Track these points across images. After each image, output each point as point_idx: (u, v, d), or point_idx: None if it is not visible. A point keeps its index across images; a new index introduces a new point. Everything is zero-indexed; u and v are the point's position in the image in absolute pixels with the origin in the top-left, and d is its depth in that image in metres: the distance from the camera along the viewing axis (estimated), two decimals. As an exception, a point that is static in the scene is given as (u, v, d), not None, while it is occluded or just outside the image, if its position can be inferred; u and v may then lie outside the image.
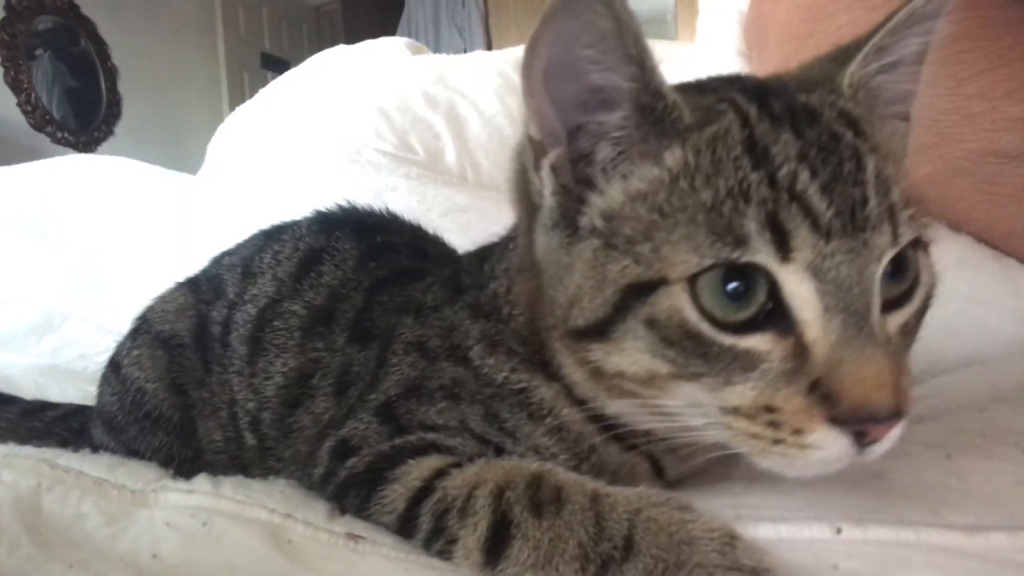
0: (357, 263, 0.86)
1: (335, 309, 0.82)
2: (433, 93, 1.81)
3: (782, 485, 0.54)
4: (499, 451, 0.62)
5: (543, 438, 0.62)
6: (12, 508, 0.60)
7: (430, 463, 0.60)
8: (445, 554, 0.54)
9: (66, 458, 0.67)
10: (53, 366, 1.44)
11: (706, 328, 0.49)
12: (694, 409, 0.52)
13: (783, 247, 0.47)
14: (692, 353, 0.50)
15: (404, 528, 0.58)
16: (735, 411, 0.50)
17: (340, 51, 2.21)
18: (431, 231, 0.98)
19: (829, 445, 0.47)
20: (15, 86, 4.68)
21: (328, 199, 0.99)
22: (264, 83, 2.41)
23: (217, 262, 0.98)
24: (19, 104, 4.69)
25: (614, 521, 0.50)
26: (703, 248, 0.48)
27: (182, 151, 4.76)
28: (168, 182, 2.11)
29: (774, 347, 0.49)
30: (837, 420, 0.46)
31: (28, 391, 1.18)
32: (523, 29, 6.09)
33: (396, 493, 0.59)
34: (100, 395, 0.94)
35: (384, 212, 0.98)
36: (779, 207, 0.48)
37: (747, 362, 0.49)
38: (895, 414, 0.46)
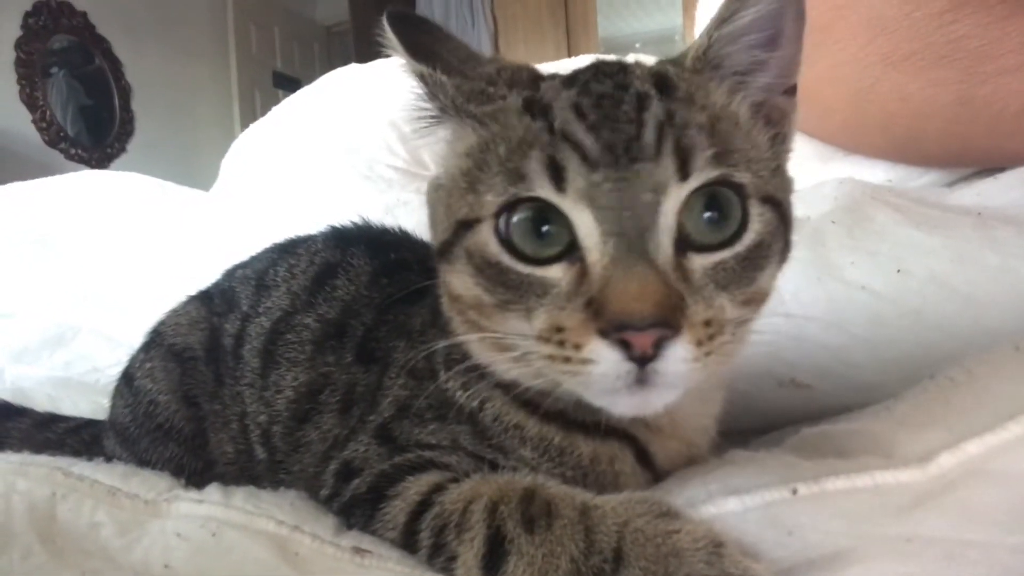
0: (370, 279, 0.86)
1: (347, 324, 0.82)
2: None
3: (748, 462, 0.57)
4: (494, 466, 0.63)
5: (521, 450, 0.64)
6: (26, 516, 0.60)
7: (428, 478, 0.61)
8: (447, 571, 0.55)
9: (80, 467, 0.68)
10: (66, 379, 1.45)
11: (505, 259, 0.56)
12: (520, 340, 0.57)
13: (559, 180, 0.54)
14: (497, 281, 0.57)
15: (407, 543, 0.59)
16: (539, 337, 0.54)
17: (352, 70, 2.24)
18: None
19: (601, 358, 0.51)
20: (30, 103, 4.74)
21: (340, 215, 0.99)
22: (276, 101, 2.44)
23: (230, 275, 0.99)
24: (34, 121, 4.75)
25: (603, 534, 0.51)
26: (499, 190, 0.56)
27: (194, 168, 4.81)
28: (180, 198, 2.12)
29: (565, 274, 0.55)
30: (603, 331, 0.51)
31: (41, 403, 1.18)
32: (531, 47, 6.14)
33: (397, 508, 0.60)
34: (113, 407, 0.95)
35: (398, 230, 0.99)
36: (555, 149, 0.54)
37: (540, 288, 0.55)
38: (654, 324, 0.49)
